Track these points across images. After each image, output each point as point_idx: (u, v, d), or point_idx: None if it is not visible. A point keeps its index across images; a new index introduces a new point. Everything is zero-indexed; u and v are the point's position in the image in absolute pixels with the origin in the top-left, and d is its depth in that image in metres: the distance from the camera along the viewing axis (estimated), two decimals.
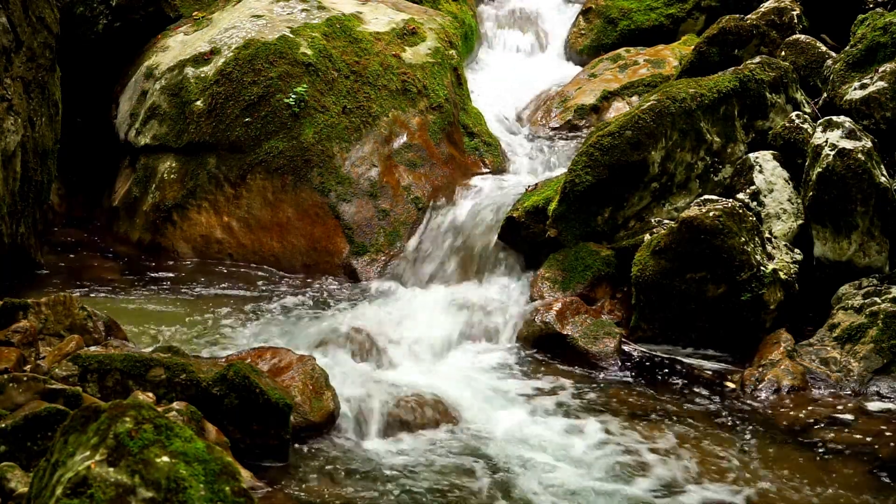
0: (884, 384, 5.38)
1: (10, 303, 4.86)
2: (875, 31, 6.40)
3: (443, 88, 7.84)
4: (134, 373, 4.43)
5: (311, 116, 7.38)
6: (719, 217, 5.70)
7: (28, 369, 4.42)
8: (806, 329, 5.84)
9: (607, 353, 5.78)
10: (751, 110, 6.59)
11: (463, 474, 4.50)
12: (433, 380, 5.36)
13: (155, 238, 7.38)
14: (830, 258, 5.93)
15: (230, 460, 2.93)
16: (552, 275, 6.31)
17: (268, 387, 4.48)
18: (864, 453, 4.77)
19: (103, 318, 5.10)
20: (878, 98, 6.13)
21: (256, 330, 6.01)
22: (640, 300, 5.94)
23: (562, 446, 4.79)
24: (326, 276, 6.99)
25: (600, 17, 9.41)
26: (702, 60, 7.02)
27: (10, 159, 6.15)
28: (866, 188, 5.76)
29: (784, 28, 7.08)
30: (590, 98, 8.34)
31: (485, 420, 5.02)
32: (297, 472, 4.45)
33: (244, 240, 7.23)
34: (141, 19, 8.15)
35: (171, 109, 7.56)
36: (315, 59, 7.53)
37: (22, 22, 6.27)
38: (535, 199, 6.63)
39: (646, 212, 6.45)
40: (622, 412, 5.17)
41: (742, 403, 5.28)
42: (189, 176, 7.40)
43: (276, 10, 7.90)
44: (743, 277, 5.71)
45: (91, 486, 2.74)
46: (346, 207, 7.19)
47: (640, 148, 6.35)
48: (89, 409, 2.93)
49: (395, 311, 6.30)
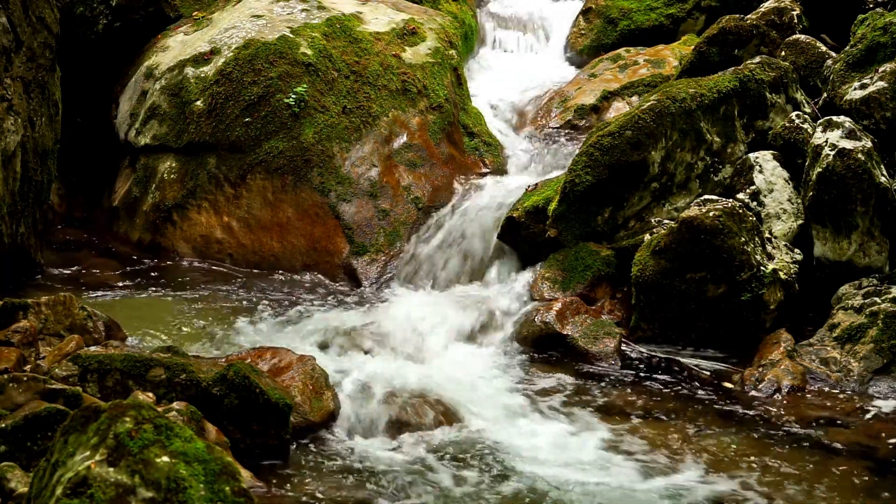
0: (884, 384, 5.38)
1: (10, 303, 4.86)
2: (875, 31, 6.40)
3: (443, 88, 7.84)
4: (134, 373, 4.43)
5: (311, 116, 7.38)
6: (719, 217, 5.70)
7: (28, 369, 4.42)
8: (806, 329, 5.84)
9: (607, 353, 5.78)
10: (751, 110, 6.59)
11: (463, 474, 4.50)
12: (433, 380, 5.36)
13: (155, 238, 7.38)
14: (830, 258, 5.93)
15: (230, 460, 2.93)
16: (552, 275, 6.31)
17: (268, 387, 4.48)
18: (864, 453, 4.77)
19: (103, 318, 5.10)
20: (878, 98, 6.13)
21: (256, 330, 6.01)
22: (640, 300, 5.94)
23: (561, 446, 4.79)
24: (326, 277, 6.99)
25: (600, 17, 9.41)
26: (702, 60, 7.02)
27: (10, 159, 6.15)
28: (866, 188, 5.76)
29: (784, 28, 7.08)
30: (590, 98, 8.34)
31: (485, 420, 5.02)
32: (297, 472, 4.45)
33: (244, 240, 7.23)
34: (141, 19, 8.15)
35: (171, 109, 7.56)
36: (315, 59, 7.53)
37: (22, 22, 6.27)
38: (535, 199, 6.63)
39: (646, 212, 6.45)
40: (622, 412, 5.17)
41: (742, 403, 5.28)
42: (189, 176, 7.40)
43: (276, 10, 7.90)
44: (743, 277, 5.71)
45: (91, 486, 2.74)
46: (346, 207, 7.19)
47: (640, 148, 6.35)
48: (89, 409, 2.93)
49: (395, 311, 6.29)
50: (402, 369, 5.52)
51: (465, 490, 4.37)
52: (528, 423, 5.02)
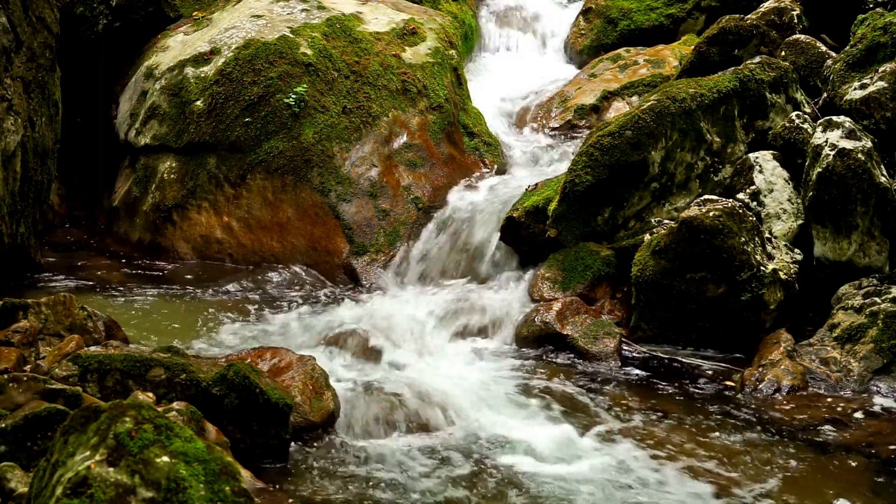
0: (884, 384, 5.38)
1: (10, 303, 4.86)
2: (875, 31, 6.39)
3: (443, 88, 7.84)
4: (134, 373, 4.43)
5: (311, 116, 7.38)
6: (719, 217, 5.70)
7: (28, 369, 4.42)
8: (806, 329, 5.84)
9: (607, 353, 5.78)
10: (751, 110, 6.59)
11: (462, 474, 4.50)
12: (433, 380, 5.36)
13: (155, 238, 7.38)
14: (830, 258, 5.93)
15: (230, 460, 2.93)
16: (552, 275, 6.31)
17: (268, 387, 4.48)
18: (864, 453, 4.77)
19: (103, 318, 5.10)
20: (878, 98, 6.13)
21: (256, 330, 6.02)
22: (640, 300, 5.94)
23: (561, 445, 4.79)
24: (326, 277, 6.99)
25: (600, 17, 9.41)
26: (702, 60, 7.02)
27: (10, 159, 6.15)
28: (866, 188, 5.76)
29: (784, 28, 7.08)
30: (590, 98, 8.34)
31: (485, 420, 5.02)
32: (296, 472, 4.46)
33: (244, 240, 7.23)
34: (141, 19, 8.15)
35: (171, 109, 7.56)
36: (315, 59, 7.53)
37: (22, 22, 6.27)
38: (535, 199, 6.63)
39: (646, 212, 6.45)
40: (622, 412, 5.17)
41: (742, 403, 5.28)
42: (189, 176, 7.40)
43: (276, 10, 7.90)
44: (743, 277, 5.71)
45: (91, 486, 2.74)
46: (346, 207, 7.19)
47: (640, 148, 6.35)
48: (89, 409, 2.93)
49: (395, 310, 6.29)
50: (402, 369, 5.52)
51: (465, 490, 4.37)
52: (527, 423, 5.01)
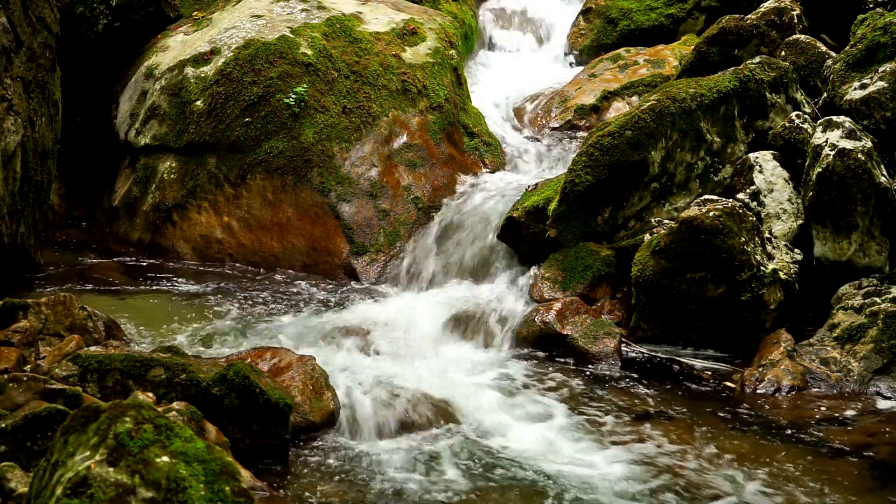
0: (884, 384, 5.38)
1: (10, 303, 4.87)
2: (875, 31, 6.39)
3: (443, 88, 7.84)
4: (134, 373, 4.43)
5: (311, 116, 7.38)
6: (719, 217, 5.70)
7: (28, 369, 4.42)
8: (806, 329, 5.84)
9: (607, 353, 5.78)
10: (751, 110, 6.59)
11: (461, 475, 4.50)
12: (433, 380, 5.36)
13: (155, 238, 7.39)
14: (830, 258, 5.93)
15: (230, 460, 2.93)
16: (552, 275, 6.31)
17: (268, 387, 4.48)
18: (864, 453, 4.77)
19: (103, 318, 5.10)
20: (878, 98, 6.13)
21: (256, 330, 6.01)
22: (640, 300, 5.94)
23: (561, 445, 4.79)
24: (326, 276, 6.99)
25: (600, 17, 9.42)
26: (702, 60, 7.02)
27: (10, 159, 6.15)
28: (866, 188, 5.76)
29: (784, 28, 7.08)
30: (590, 98, 8.34)
31: (484, 420, 5.02)
32: (297, 472, 4.46)
33: (244, 240, 7.23)
34: (141, 19, 8.15)
35: (171, 109, 7.56)
36: (315, 59, 7.54)
37: (22, 22, 6.27)
38: (535, 199, 6.63)
39: (646, 212, 6.45)
40: (622, 412, 5.17)
41: (742, 403, 5.28)
42: (189, 176, 7.40)
43: (276, 10, 7.90)
44: (743, 277, 5.71)
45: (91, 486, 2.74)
46: (346, 207, 7.19)
47: (640, 148, 6.35)
48: (89, 409, 2.93)
49: (395, 311, 6.30)
50: (402, 369, 5.52)
51: (464, 490, 4.37)
52: (527, 423, 5.01)
